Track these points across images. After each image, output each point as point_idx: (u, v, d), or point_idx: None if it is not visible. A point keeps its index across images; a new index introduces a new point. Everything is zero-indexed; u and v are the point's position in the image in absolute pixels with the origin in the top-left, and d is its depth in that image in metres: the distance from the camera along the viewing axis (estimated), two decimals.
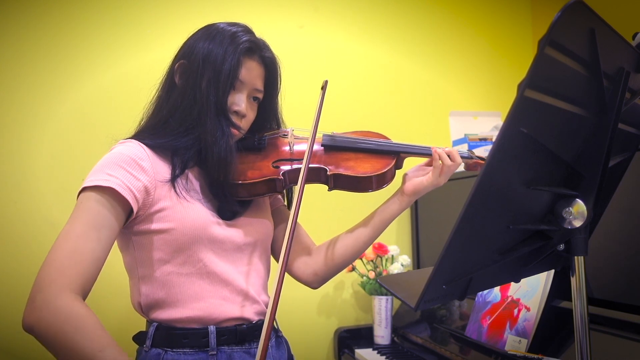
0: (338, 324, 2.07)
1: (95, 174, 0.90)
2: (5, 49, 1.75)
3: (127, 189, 0.89)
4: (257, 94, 1.04)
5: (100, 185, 0.88)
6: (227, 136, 0.97)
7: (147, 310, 0.98)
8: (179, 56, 1.04)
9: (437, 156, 1.07)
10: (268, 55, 1.05)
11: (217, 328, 0.96)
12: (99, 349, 0.80)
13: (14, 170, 1.73)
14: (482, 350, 1.38)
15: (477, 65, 2.42)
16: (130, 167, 0.91)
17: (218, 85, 0.96)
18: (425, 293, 0.66)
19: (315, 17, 2.15)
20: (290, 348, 1.12)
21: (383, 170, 1.07)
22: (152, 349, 0.96)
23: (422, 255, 2.13)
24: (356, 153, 1.11)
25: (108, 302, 1.77)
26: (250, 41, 1.00)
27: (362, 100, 2.19)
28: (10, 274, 1.70)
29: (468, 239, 0.65)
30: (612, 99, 0.67)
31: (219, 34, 0.99)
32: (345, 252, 1.12)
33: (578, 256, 0.72)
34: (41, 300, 0.80)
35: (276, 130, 1.14)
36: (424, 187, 1.08)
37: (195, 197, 0.99)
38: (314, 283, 1.15)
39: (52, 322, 0.79)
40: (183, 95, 0.98)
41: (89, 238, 0.85)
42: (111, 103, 1.84)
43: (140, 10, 1.91)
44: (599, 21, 0.59)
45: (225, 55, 0.97)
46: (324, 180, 1.09)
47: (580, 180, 0.70)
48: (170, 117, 0.98)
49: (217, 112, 0.97)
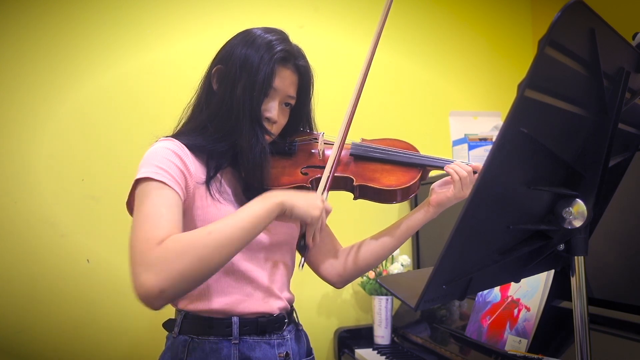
0: (338, 324, 2.07)
1: (146, 166, 0.93)
2: (5, 49, 1.75)
3: (176, 182, 0.93)
4: (289, 100, 1.08)
5: (153, 178, 0.91)
6: (262, 143, 1.01)
7: (176, 300, 1.02)
8: (217, 60, 1.07)
9: (453, 171, 1.11)
10: (302, 63, 1.08)
11: (240, 319, 1.00)
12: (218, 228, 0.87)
13: (14, 170, 1.73)
14: (482, 350, 1.38)
15: (477, 65, 2.42)
16: (176, 162, 0.95)
17: (253, 93, 1.00)
18: (425, 293, 0.66)
19: (315, 17, 2.15)
20: (309, 341, 1.16)
21: (408, 184, 1.10)
22: (180, 335, 1.01)
23: (422, 255, 2.13)
24: (383, 165, 1.14)
25: (94, 304, 1.78)
26: (285, 50, 1.03)
27: (362, 100, 2.18)
28: (10, 274, 1.70)
29: (468, 239, 0.65)
30: (612, 99, 0.67)
31: (255, 41, 1.03)
32: (370, 257, 1.16)
33: (578, 256, 0.72)
34: (149, 262, 0.82)
35: (307, 135, 1.17)
36: (449, 200, 1.12)
37: (227, 199, 1.02)
38: (338, 283, 1.20)
39: (173, 266, 0.82)
40: (221, 102, 1.02)
41: (163, 214, 0.88)
42: (111, 103, 1.84)
43: (140, 10, 1.91)
44: (599, 21, 0.59)
45: (261, 64, 1.00)
46: (350, 189, 1.12)
47: (580, 180, 0.70)
48: (209, 123, 1.02)
49: (252, 119, 1.00)
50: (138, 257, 0.83)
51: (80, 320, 1.75)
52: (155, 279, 0.81)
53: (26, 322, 1.71)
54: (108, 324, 1.78)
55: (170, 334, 1.04)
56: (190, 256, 0.83)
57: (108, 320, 1.77)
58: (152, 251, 0.82)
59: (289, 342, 1.07)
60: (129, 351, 1.81)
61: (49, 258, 1.73)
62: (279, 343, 1.04)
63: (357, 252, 1.17)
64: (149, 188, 0.90)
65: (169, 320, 1.06)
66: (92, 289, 1.76)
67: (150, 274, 0.81)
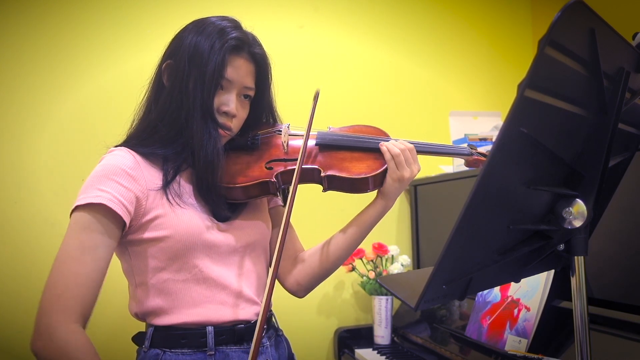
0: (338, 324, 2.07)
1: (87, 190, 0.90)
2: (5, 49, 1.75)
3: (119, 203, 0.89)
4: (248, 92, 1.01)
5: (92, 203, 0.88)
6: (215, 139, 0.94)
7: (144, 317, 0.98)
8: (167, 55, 1.01)
9: (385, 149, 1.03)
10: (257, 51, 1.00)
11: (215, 328, 0.95)
12: None
13: (14, 170, 1.73)
14: (482, 350, 1.38)
15: (477, 65, 2.42)
16: (120, 178, 0.90)
17: (203, 86, 0.93)
18: (425, 293, 0.65)
19: (315, 17, 2.15)
20: (290, 347, 1.12)
21: (379, 170, 1.03)
22: (151, 349, 0.96)
23: (422, 255, 2.13)
24: (352, 152, 1.06)
25: (108, 302, 1.77)
26: (237, 38, 0.96)
27: (362, 100, 2.19)
28: (10, 274, 1.70)
29: (468, 239, 0.65)
30: (612, 99, 0.67)
31: (206, 28, 0.96)
32: (326, 264, 1.09)
33: (578, 256, 0.72)
34: (44, 328, 0.84)
35: (271, 128, 1.10)
36: (389, 185, 1.03)
37: (188, 202, 0.97)
38: (299, 292, 1.13)
39: (53, 352, 0.83)
40: (170, 98, 0.96)
41: (85, 261, 0.87)
42: (111, 103, 1.84)
43: (140, 10, 1.91)
44: (599, 21, 0.59)
45: (211, 53, 0.93)
46: (318, 181, 1.05)
47: (580, 180, 0.70)
48: (160, 122, 0.96)
49: (204, 114, 0.94)
50: (43, 312, 0.85)
51: None
52: (39, 348, 0.84)
53: (26, 322, 1.70)
54: (108, 324, 1.77)
55: (141, 348, 0.98)
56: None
57: (108, 320, 1.77)
58: (52, 329, 0.84)
59: (268, 350, 1.02)
60: (130, 351, 1.80)
61: (48, 258, 1.72)
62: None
63: (326, 248, 1.08)
64: (83, 222, 0.88)
65: (138, 333, 1.01)
66: None
67: (39, 340, 0.84)
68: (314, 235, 1.25)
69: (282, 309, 1.13)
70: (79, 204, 0.89)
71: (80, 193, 0.90)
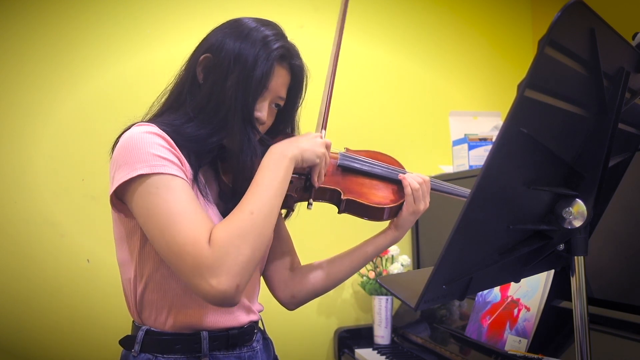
0: (338, 324, 2.07)
1: (141, 160, 0.84)
2: (5, 49, 1.75)
3: (180, 170, 0.85)
4: (279, 101, 0.99)
5: (157, 172, 0.83)
6: (254, 145, 0.92)
7: (141, 310, 0.95)
8: (204, 49, 0.96)
9: (406, 182, 1.06)
10: (298, 63, 1.00)
11: (209, 333, 0.94)
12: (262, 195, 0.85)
13: (14, 170, 1.73)
14: (482, 350, 1.38)
15: (477, 65, 2.42)
16: (171, 149, 0.87)
17: (248, 90, 0.90)
18: (425, 293, 0.66)
19: (315, 17, 2.15)
20: (274, 348, 1.11)
21: (398, 202, 1.06)
22: (142, 354, 0.92)
23: (422, 255, 2.13)
24: (371, 179, 1.09)
25: (94, 304, 1.78)
26: (284, 47, 0.95)
27: (362, 100, 2.19)
28: (10, 274, 1.70)
29: (468, 239, 0.65)
30: (612, 99, 0.67)
31: (250, 34, 0.94)
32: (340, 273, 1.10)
33: (578, 256, 0.72)
34: (212, 265, 0.78)
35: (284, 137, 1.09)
36: (405, 217, 1.07)
37: (209, 200, 0.95)
38: (290, 305, 1.12)
39: (239, 258, 0.79)
40: (210, 95, 0.92)
41: (191, 207, 0.82)
42: (111, 103, 1.84)
43: (140, 11, 1.91)
44: (599, 21, 0.59)
45: (257, 60, 0.91)
46: (336, 203, 1.06)
47: (580, 180, 0.70)
48: (196, 115, 0.92)
49: (244, 118, 0.91)
50: (194, 262, 0.78)
51: (80, 320, 1.75)
52: (227, 279, 0.78)
53: (26, 322, 1.71)
54: (108, 324, 1.77)
55: (130, 352, 0.93)
56: (248, 242, 0.80)
57: (108, 320, 1.77)
58: (207, 253, 0.78)
59: (259, 354, 1.02)
60: None
61: (48, 258, 1.73)
62: (249, 355, 0.98)
63: (329, 267, 1.10)
64: (159, 183, 0.82)
65: (126, 337, 0.96)
66: (92, 289, 1.76)
67: (222, 276, 0.77)
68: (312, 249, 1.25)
69: (282, 308, 1.13)
70: (143, 173, 0.82)
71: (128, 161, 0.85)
